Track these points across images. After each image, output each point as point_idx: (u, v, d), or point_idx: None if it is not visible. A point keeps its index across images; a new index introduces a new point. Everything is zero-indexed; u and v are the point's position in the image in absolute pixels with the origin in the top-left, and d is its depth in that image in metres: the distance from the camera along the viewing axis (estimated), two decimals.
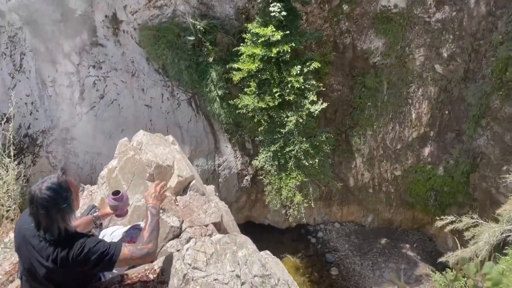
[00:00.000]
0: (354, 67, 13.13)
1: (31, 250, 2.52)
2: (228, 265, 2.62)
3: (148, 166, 3.39)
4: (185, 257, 2.61)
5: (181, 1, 13.29)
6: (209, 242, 2.76)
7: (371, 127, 13.31)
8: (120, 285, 2.58)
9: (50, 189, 2.44)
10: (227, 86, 13.18)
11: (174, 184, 3.38)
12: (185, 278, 2.53)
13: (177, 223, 3.04)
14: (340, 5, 12.60)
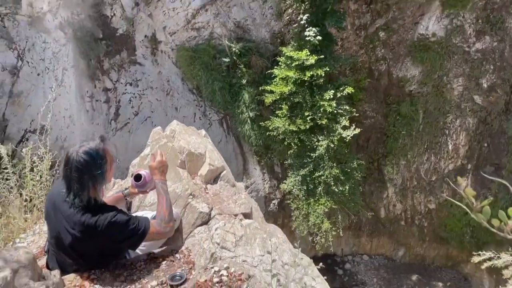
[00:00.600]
0: (389, 94, 12.90)
1: (59, 216, 2.47)
2: (258, 249, 2.50)
3: (180, 153, 3.36)
4: (214, 237, 2.52)
5: (218, 24, 13.59)
6: (239, 225, 2.66)
7: (405, 157, 12.91)
8: (146, 263, 2.48)
9: (87, 153, 2.43)
10: (259, 108, 13.20)
11: (205, 172, 3.33)
12: (212, 257, 2.42)
13: (207, 209, 2.95)
14: (377, 32, 12.53)
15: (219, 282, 2.10)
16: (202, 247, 2.48)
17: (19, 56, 14.98)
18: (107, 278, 2.39)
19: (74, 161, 2.42)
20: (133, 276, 2.40)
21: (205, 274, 2.20)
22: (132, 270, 2.45)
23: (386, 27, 12.38)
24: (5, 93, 14.90)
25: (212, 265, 2.27)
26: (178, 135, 3.51)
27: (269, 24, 13.38)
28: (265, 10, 13.30)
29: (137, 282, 2.33)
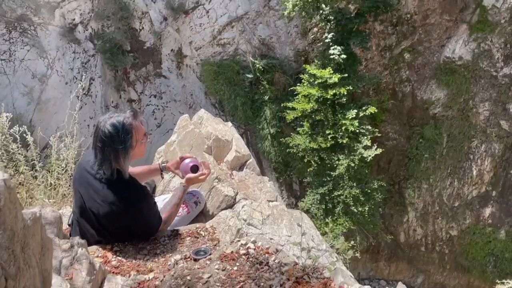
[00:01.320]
0: (413, 116, 12.76)
1: (86, 185, 2.49)
2: (285, 229, 2.44)
3: (207, 139, 3.35)
4: (240, 213, 2.47)
5: (243, 41, 13.79)
6: (266, 205, 2.60)
7: (427, 181, 12.65)
8: (170, 239, 2.45)
9: (113, 125, 2.42)
10: (280, 125, 13.21)
11: (231, 158, 3.31)
12: (238, 232, 2.37)
13: (232, 193, 2.92)
14: (402, 54, 12.51)
15: (246, 254, 2.05)
16: (227, 225, 2.44)
17: (49, 64, 15.41)
18: (130, 250, 2.37)
19: (100, 131, 2.43)
20: (156, 250, 2.37)
21: (232, 246, 2.16)
22: (155, 244, 2.43)
23: (411, 49, 12.35)
24: (33, 99, 15.29)
25: (239, 239, 2.22)
26: (205, 122, 3.51)
27: (294, 42, 13.51)
28: (290, 29, 13.47)
29: (160, 256, 2.30)
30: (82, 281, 1.70)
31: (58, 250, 1.74)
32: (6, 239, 1.10)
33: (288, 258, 2.01)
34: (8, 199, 1.13)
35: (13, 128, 4.33)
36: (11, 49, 15.60)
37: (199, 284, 1.87)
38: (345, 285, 1.82)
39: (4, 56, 15.60)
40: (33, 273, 1.23)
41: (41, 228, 1.33)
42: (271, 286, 1.79)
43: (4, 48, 15.60)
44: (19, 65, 15.62)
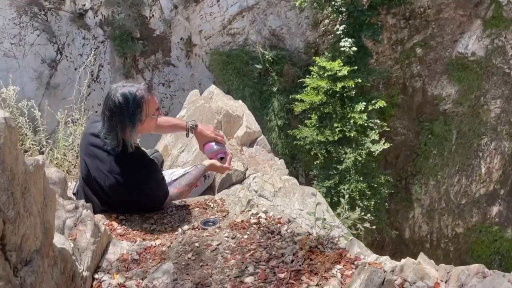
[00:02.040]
0: (422, 112, 12.62)
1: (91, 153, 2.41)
2: (297, 203, 2.36)
3: (217, 113, 3.28)
4: (251, 185, 2.39)
5: (253, 31, 13.68)
6: (277, 178, 2.53)
7: (434, 177, 12.51)
8: (178, 209, 2.38)
9: (124, 96, 2.31)
10: (288, 117, 13.10)
11: (242, 134, 3.23)
12: (249, 203, 2.29)
13: (242, 168, 2.85)
14: (414, 48, 12.35)
15: (257, 223, 1.98)
16: (237, 196, 2.37)
17: (59, 50, 15.41)
18: (136, 220, 2.32)
19: (110, 100, 2.33)
20: (163, 219, 2.31)
21: (242, 215, 2.09)
22: (162, 214, 2.37)
23: (423, 44, 12.19)
24: (42, 84, 15.30)
25: (249, 209, 2.16)
26: (216, 97, 3.45)
27: (304, 34, 13.38)
28: (301, 20, 13.33)
29: (168, 225, 2.24)
30: (86, 242, 1.65)
31: (62, 210, 1.69)
32: (5, 180, 1.04)
33: (301, 229, 1.95)
34: (9, 138, 1.07)
35: (21, 102, 4.29)
36: (21, 34, 15.61)
37: (208, 251, 1.81)
38: (362, 255, 1.76)
39: (14, 40, 15.61)
40: (34, 222, 1.18)
41: (43, 178, 1.28)
42: (283, 255, 1.73)
43: (14, 32, 15.61)
44: (29, 50, 15.63)
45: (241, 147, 3.20)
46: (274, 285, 1.58)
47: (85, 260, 1.60)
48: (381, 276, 1.35)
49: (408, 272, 1.49)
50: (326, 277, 1.60)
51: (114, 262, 1.77)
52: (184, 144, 3.22)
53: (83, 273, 1.55)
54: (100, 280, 1.67)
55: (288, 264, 1.68)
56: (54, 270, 1.29)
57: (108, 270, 1.73)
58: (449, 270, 1.40)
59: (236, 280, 1.61)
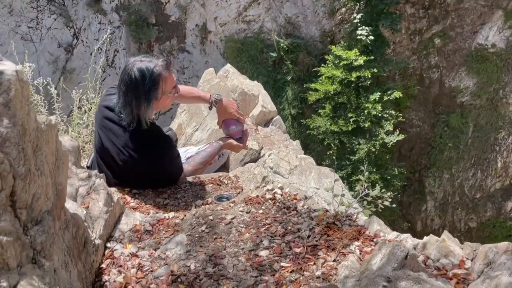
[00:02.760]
0: (439, 104, 12.41)
1: (106, 127, 2.37)
2: (313, 181, 2.30)
3: (233, 92, 3.21)
4: (267, 162, 2.33)
5: (269, 18, 13.54)
6: (293, 156, 2.47)
7: (449, 170, 12.33)
8: (191, 185, 2.34)
9: (141, 71, 2.24)
10: (301, 106, 12.99)
11: (257, 113, 3.17)
12: (264, 180, 2.23)
13: (256, 147, 2.79)
14: (432, 39, 12.11)
15: (272, 199, 1.94)
16: (252, 173, 2.33)
17: (75, 34, 15.47)
18: (150, 194, 2.29)
19: (126, 74, 2.26)
20: (177, 194, 2.28)
21: (257, 191, 2.05)
22: (176, 189, 2.34)
23: (442, 34, 11.94)
24: (58, 68, 15.41)
25: (264, 185, 2.11)
26: (231, 75, 3.39)
27: (320, 22, 13.20)
28: (317, 8, 13.15)
29: (181, 200, 2.21)
30: (98, 211, 1.62)
31: (75, 178, 1.66)
32: (16, 134, 1.00)
33: (318, 205, 1.90)
34: (20, 92, 1.03)
35: (37, 80, 4.29)
36: (38, 17, 15.71)
37: (222, 225, 1.77)
38: (381, 233, 1.70)
39: (32, 24, 15.72)
40: (45, 182, 1.14)
41: (56, 138, 1.24)
42: (299, 230, 1.69)
43: (31, 15, 15.71)
44: (46, 34, 15.73)
45: (256, 127, 3.15)
46: (289, 259, 1.54)
47: (97, 228, 1.58)
48: (404, 250, 1.29)
49: (431, 250, 1.44)
50: (344, 253, 1.56)
51: (126, 232, 1.75)
52: (198, 123, 3.18)
53: (95, 240, 1.53)
54: (113, 249, 1.64)
55: (304, 239, 1.63)
56: (66, 233, 1.27)
57: (121, 239, 1.71)
58: (476, 248, 1.34)
59: (250, 254, 1.57)
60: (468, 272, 1.29)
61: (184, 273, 1.50)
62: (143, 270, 1.55)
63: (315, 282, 1.42)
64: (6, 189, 0.98)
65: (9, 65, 1.07)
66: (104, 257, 1.59)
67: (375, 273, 1.23)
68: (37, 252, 1.05)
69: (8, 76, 1.02)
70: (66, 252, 1.23)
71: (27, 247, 1.02)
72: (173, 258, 1.57)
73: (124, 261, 1.58)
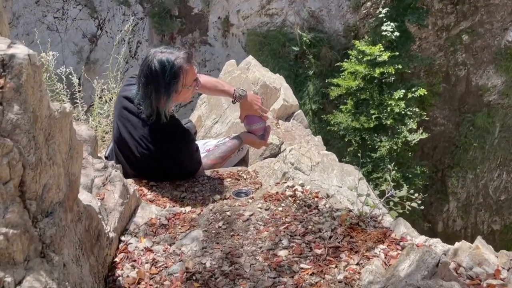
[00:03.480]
0: (465, 102, 12.07)
1: (125, 117, 2.34)
2: (335, 179, 2.21)
3: (254, 84, 3.13)
4: (287, 157, 2.25)
5: (292, 12, 13.38)
6: (315, 152, 2.38)
7: (473, 171, 12.02)
8: (209, 179, 2.29)
9: (161, 63, 2.18)
10: (322, 102, 12.83)
11: (278, 107, 3.08)
12: (284, 176, 2.16)
13: (277, 142, 2.72)
14: (460, 35, 11.76)
15: (293, 196, 1.86)
16: (272, 169, 2.26)
17: (99, 25, 15.63)
18: (167, 186, 2.24)
19: (146, 65, 2.21)
20: (194, 188, 2.23)
21: (277, 187, 1.98)
22: (193, 182, 2.28)
23: (471, 31, 11.58)
24: (82, 59, 15.61)
25: (285, 181, 2.04)
26: (253, 67, 3.31)
27: (344, 17, 12.98)
28: (342, 2, 12.92)
29: (198, 194, 2.15)
30: (114, 203, 1.57)
31: (90, 169, 1.62)
32: (26, 121, 0.95)
33: (341, 205, 1.81)
34: (32, 77, 0.98)
35: (60, 69, 4.30)
36: (64, 8, 15.92)
37: (240, 221, 1.71)
38: (408, 236, 1.61)
39: (58, 14, 15.94)
40: (57, 172, 1.09)
41: (70, 127, 1.19)
42: (320, 230, 1.61)
43: (57, 6, 15.93)
44: (71, 24, 15.93)
45: (277, 121, 3.07)
46: (310, 260, 1.46)
47: (112, 221, 1.53)
48: (435, 257, 1.20)
49: (463, 257, 1.34)
50: (368, 256, 1.47)
51: (142, 225, 1.70)
52: (218, 115, 3.12)
53: (109, 233, 1.48)
54: (127, 242, 1.60)
55: (326, 240, 1.55)
56: (78, 226, 1.22)
57: (136, 233, 1.66)
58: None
59: (269, 253, 1.51)
60: (504, 283, 1.20)
61: (199, 270, 1.45)
62: (157, 266, 1.50)
63: (337, 286, 1.34)
64: (15, 178, 0.93)
65: (22, 49, 1.02)
66: (118, 251, 1.55)
67: (402, 281, 1.14)
68: (46, 245, 1.00)
69: (20, 60, 0.97)
70: (78, 245, 1.18)
71: (36, 240, 0.97)
72: (188, 254, 1.52)
73: (138, 255, 1.53)
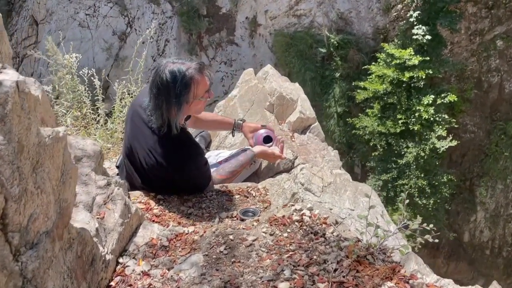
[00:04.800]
0: (497, 110, 11.66)
1: (136, 128, 2.33)
2: (347, 202, 2.12)
3: (270, 95, 3.07)
4: (298, 176, 2.17)
5: (320, 13, 13.22)
6: (328, 171, 2.31)
7: (503, 181, 11.61)
8: (218, 194, 2.24)
9: (172, 74, 2.16)
10: (348, 104, 12.64)
11: (294, 119, 3.02)
12: (293, 197, 2.09)
13: (291, 156, 2.65)
14: (494, 40, 11.35)
15: (299, 221, 1.79)
16: (282, 187, 2.19)
17: (129, 23, 15.85)
18: (174, 201, 2.21)
19: (157, 76, 2.19)
20: (202, 204, 2.18)
21: (284, 210, 1.91)
22: (201, 198, 2.24)
23: (505, 36, 11.17)
24: (112, 56, 15.88)
25: (293, 204, 1.97)
26: (270, 77, 3.24)
27: (374, 19, 12.73)
28: (372, 4, 12.68)
29: (205, 210, 2.11)
30: (113, 223, 1.54)
31: (92, 186, 1.59)
32: (10, 152, 0.91)
33: (350, 233, 1.72)
34: (19, 105, 0.94)
35: (82, 70, 4.33)
36: (95, 5, 16.22)
37: (242, 246, 1.65)
38: (419, 274, 1.51)
39: (89, 11, 16.27)
40: (46, 200, 1.06)
41: (64, 151, 1.15)
42: (325, 261, 1.53)
43: (89, 3, 16.26)
44: (102, 21, 16.23)
45: (292, 133, 2.99)
46: None
47: (110, 242, 1.50)
48: None
49: None
50: None
51: (142, 246, 1.66)
52: None
53: (106, 256, 1.45)
54: (124, 265, 1.56)
55: (331, 273, 1.47)
56: (68, 254, 1.18)
57: (135, 254, 1.63)
58: None
59: (269, 284, 1.44)
60: None
61: None
62: None
63: None
64: None
65: (11, 75, 0.99)
66: (115, 273, 1.52)
67: None
68: (28, 280, 0.97)
69: (6, 88, 0.93)
70: (66, 275, 1.15)
71: (16, 276, 0.94)
72: (186, 281, 1.47)
73: (134, 279, 1.49)
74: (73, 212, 1.39)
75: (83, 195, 1.55)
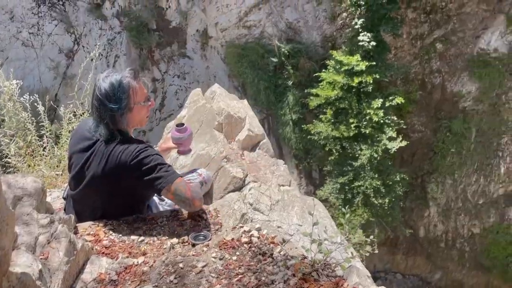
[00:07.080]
0: (441, 109, 12.27)
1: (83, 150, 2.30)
2: (295, 218, 2.18)
3: (218, 115, 3.12)
4: (247, 197, 2.23)
5: (270, 23, 13.45)
6: (276, 189, 2.37)
7: (451, 176, 12.20)
8: (168, 220, 2.25)
9: (110, 83, 2.24)
10: (302, 111, 12.89)
11: (243, 138, 3.07)
12: (243, 217, 2.13)
13: (241, 175, 2.70)
14: (434, 44, 11.97)
15: (248, 243, 1.83)
16: (232, 208, 2.23)
17: (76, 40, 15.47)
18: (124, 230, 2.19)
19: (97, 89, 2.25)
20: (153, 231, 2.18)
21: (233, 233, 1.94)
22: (152, 225, 2.24)
23: (444, 39, 11.81)
24: (59, 74, 15.41)
25: (242, 225, 2.01)
26: (218, 97, 3.29)
27: (321, 27, 13.09)
28: (318, 13, 13.04)
29: (156, 238, 2.11)
30: (58, 262, 1.52)
31: (35, 226, 1.57)
32: None
33: (296, 251, 1.79)
34: None
35: (24, 96, 4.18)
36: (39, 23, 15.71)
37: (192, 274, 1.67)
38: (360, 286, 1.59)
39: (33, 30, 15.72)
40: None
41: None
42: (273, 282, 1.58)
43: (33, 21, 15.71)
44: (47, 39, 15.73)
45: (242, 152, 3.04)
46: None
47: (55, 283, 1.48)
48: None
49: None
50: None
51: (90, 283, 1.65)
52: None
53: None
54: None
55: None
56: None
57: None
58: None
59: None
60: None
61: None
62: None
63: None
64: None
65: None
66: None
67: None
68: None
69: None
70: None
71: None
72: None
73: None
74: (14, 255, 1.36)
75: (25, 236, 1.52)
